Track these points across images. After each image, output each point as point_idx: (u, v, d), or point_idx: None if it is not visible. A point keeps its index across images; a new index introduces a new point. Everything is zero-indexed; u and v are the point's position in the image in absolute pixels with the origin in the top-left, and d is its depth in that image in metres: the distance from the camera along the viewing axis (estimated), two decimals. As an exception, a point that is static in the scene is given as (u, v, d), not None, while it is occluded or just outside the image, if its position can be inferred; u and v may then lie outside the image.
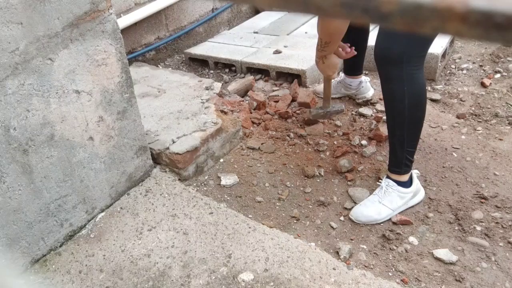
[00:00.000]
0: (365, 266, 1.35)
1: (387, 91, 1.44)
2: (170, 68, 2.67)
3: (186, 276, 1.28)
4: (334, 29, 1.58)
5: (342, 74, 2.26)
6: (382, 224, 1.50)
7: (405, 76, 1.37)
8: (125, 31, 2.45)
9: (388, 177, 1.56)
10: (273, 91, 2.38)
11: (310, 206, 1.61)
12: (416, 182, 1.55)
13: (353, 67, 2.13)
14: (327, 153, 1.87)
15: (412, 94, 1.39)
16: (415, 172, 1.59)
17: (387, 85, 1.43)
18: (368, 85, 2.18)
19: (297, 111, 2.15)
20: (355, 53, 1.82)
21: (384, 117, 1.70)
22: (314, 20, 2.94)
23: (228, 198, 1.65)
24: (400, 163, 1.51)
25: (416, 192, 1.55)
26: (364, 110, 2.12)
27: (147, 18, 2.61)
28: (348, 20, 0.23)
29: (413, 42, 1.34)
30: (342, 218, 1.55)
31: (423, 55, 1.38)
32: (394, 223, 1.50)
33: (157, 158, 1.72)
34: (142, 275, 1.30)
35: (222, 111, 1.98)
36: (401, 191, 1.51)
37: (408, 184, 1.53)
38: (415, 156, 1.53)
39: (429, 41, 1.38)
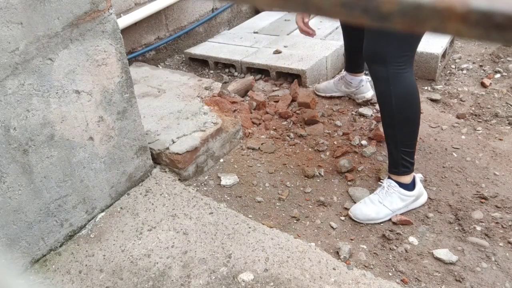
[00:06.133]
0: (365, 266, 1.35)
1: (376, 90, 1.46)
2: (170, 68, 2.67)
3: (186, 276, 1.28)
4: None
5: (343, 71, 2.27)
6: (382, 224, 1.50)
7: (390, 76, 1.38)
8: (125, 31, 2.45)
9: (389, 177, 1.56)
10: (273, 91, 2.38)
11: (310, 206, 1.61)
12: (419, 186, 1.54)
13: (353, 64, 2.14)
14: (327, 153, 1.87)
15: (399, 94, 1.39)
16: (418, 176, 1.58)
17: (376, 85, 1.45)
18: (368, 85, 2.19)
19: (297, 111, 2.15)
20: (314, 35, 1.84)
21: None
22: (315, 20, 2.94)
23: (228, 198, 1.65)
24: (397, 163, 1.50)
25: (418, 196, 1.54)
26: (364, 110, 2.12)
27: (147, 18, 2.61)
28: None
29: (397, 43, 1.35)
30: (342, 218, 1.55)
31: (408, 55, 1.38)
32: (394, 223, 1.50)
33: (157, 158, 1.72)
34: (142, 275, 1.30)
35: (222, 111, 1.98)
36: (403, 193, 1.51)
37: (410, 187, 1.52)
38: (415, 156, 1.53)
39: (414, 41, 1.39)
